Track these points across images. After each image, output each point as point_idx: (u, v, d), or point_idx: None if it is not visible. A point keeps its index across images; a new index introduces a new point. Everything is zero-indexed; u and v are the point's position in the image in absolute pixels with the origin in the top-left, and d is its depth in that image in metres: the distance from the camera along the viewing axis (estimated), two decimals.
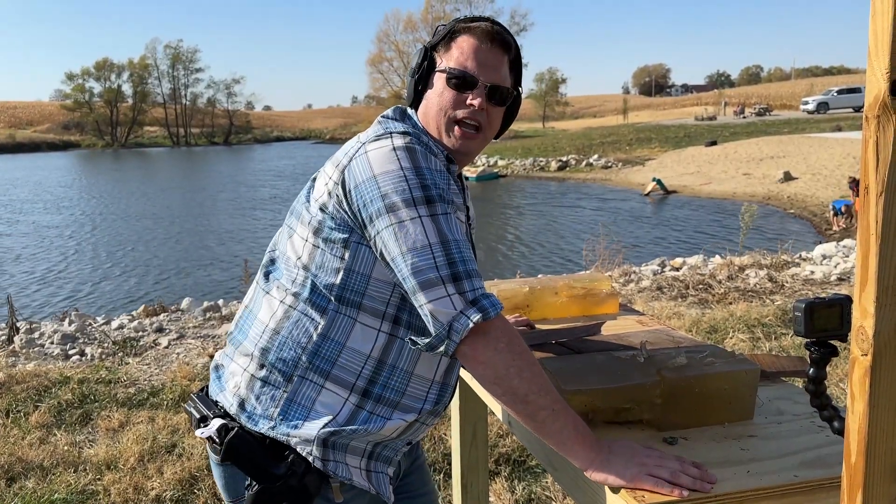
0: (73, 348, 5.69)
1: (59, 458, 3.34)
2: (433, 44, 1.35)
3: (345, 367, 1.24)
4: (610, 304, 2.03)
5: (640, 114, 68.44)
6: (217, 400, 1.33)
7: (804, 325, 0.91)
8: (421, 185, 1.17)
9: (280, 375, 1.25)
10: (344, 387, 1.24)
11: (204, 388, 1.40)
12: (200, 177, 40.36)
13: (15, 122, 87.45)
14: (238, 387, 1.29)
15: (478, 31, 1.32)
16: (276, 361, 1.25)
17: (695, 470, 1.08)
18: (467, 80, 1.30)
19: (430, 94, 1.34)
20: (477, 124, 1.32)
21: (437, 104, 1.32)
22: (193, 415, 1.33)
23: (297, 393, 1.24)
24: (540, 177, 32.00)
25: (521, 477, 3.12)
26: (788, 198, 20.44)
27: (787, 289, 6.66)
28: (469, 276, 1.14)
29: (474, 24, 1.33)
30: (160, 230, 20.66)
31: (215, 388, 1.35)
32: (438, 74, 1.33)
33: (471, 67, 1.30)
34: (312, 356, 1.24)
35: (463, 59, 1.31)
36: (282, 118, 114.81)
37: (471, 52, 1.31)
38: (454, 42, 1.33)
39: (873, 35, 0.71)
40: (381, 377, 1.25)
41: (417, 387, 1.29)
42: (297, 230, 1.29)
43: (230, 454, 1.23)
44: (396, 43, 64.38)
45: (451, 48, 1.33)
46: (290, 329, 1.25)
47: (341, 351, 1.24)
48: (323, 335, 1.24)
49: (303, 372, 1.24)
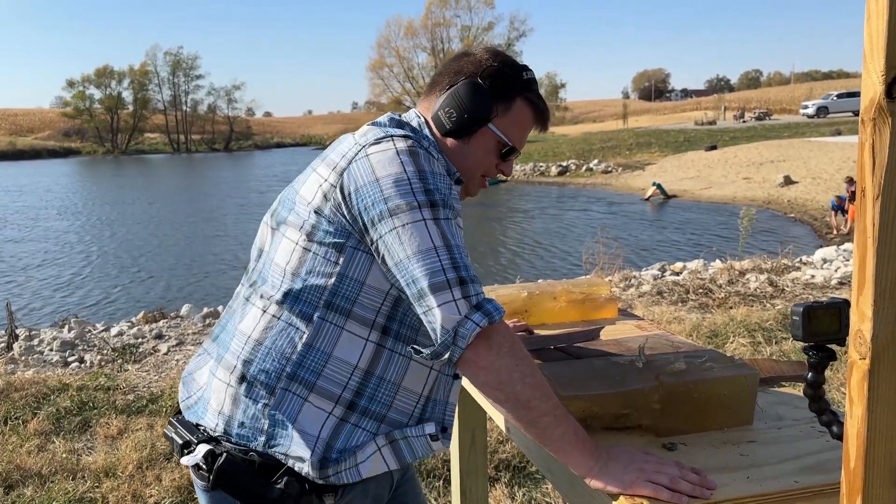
0: (73, 355, 5.69)
1: (57, 466, 3.33)
2: (493, 89, 1.31)
3: (330, 378, 1.20)
4: (609, 308, 2.02)
5: (640, 118, 68.57)
6: (199, 423, 1.27)
7: (802, 330, 0.91)
8: (424, 188, 1.15)
9: (263, 388, 1.20)
10: (329, 399, 1.20)
11: (180, 410, 1.33)
12: (200, 183, 40.39)
13: (16, 130, 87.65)
14: (222, 404, 1.24)
15: (537, 108, 1.36)
16: (259, 374, 1.21)
17: (694, 476, 1.07)
18: (513, 154, 1.37)
19: (474, 145, 1.34)
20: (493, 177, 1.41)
21: (479, 162, 1.36)
22: (176, 441, 1.26)
23: (280, 406, 1.19)
24: (540, 182, 32.02)
25: (521, 483, 3.10)
26: (789, 202, 20.44)
27: (788, 293, 6.65)
28: (472, 280, 1.13)
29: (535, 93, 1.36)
30: (160, 237, 20.66)
31: (196, 410, 1.29)
32: (491, 134, 1.34)
33: (521, 144, 1.37)
34: (297, 367, 1.20)
35: (519, 135, 1.36)
36: (282, 124, 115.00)
37: (527, 129, 1.37)
38: (516, 107, 1.34)
39: (868, 37, 0.71)
40: (367, 389, 1.22)
41: (405, 400, 1.26)
42: (285, 234, 1.24)
43: (220, 481, 1.18)
44: (397, 49, 64.53)
45: (512, 113, 1.34)
46: (274, 339, 1.21)
47: (327, 361, 1.20)
48: (308, 345, 1.20)
49: (286, 384, 1.19)
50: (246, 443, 1.21)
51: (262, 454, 1.20)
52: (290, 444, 1.19)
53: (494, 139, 1.33)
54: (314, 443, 1.19)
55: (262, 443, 1.20)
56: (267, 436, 1.20)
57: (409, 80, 63.64)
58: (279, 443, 1.20)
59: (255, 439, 1.21)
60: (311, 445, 1.19)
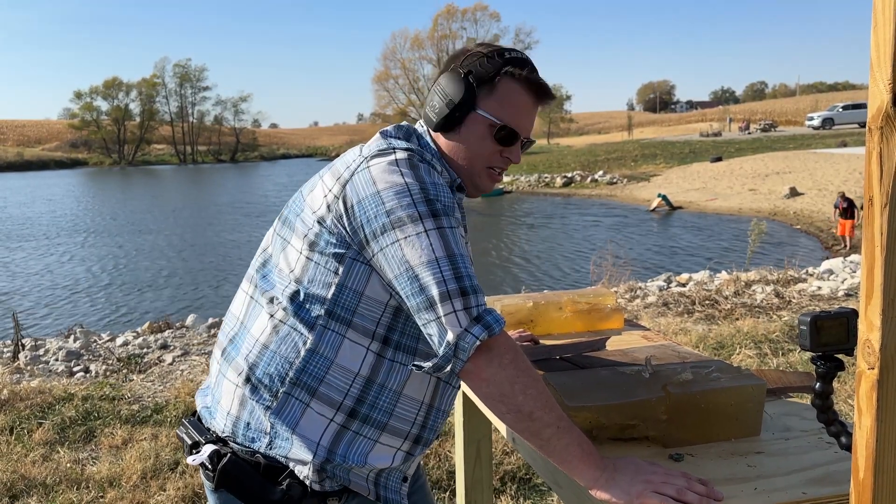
0: (78, 365, 5.69)
1: (61, 476, 3.32)
2: (477, 78, 1.27)
3: (332, 384, 1.21)
4: (615, 319, 2.02)
5: (645, 130, 68.64)
6: (209, 426, 1.30)
7: (810, 340, 0.90)
8: (425, 199, 1.15)
9: (266, 391, 1.22)
10: (330, 406, 1.21)
11: (195, 412, 1.37)
12: (206, 194, 40.56)
13: (23, 141, 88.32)
14: (231, 405, 1.26)
15: (527, 82, 1.28)
16: (264, 377, 1.22)
17: (701, 487, 1.06)
18: (512, 136, 1.29)
19: (467, 133, 1.29)
20: (504, 169, 1.35)
21: (476, 150, 1.30)
22: (186, 441, 1.30)
23: (283, 410, 1.21)
24: (545, 193, 32.04)
25: (527, 495, 3.08)
26: (794, 213, 20.40)
27: (794, 304, 6.62)
28: (474, 291, 1.13)
29: (523, 73, 1.28)
30: (166, 247, 20.73)
31: (206, 412, 1.32)
32: (481, 118, 1.28)
33: (518, 125, 1.29)
34: (300, 372, 1.21)
35: (513, 115, 1.28)
36: (288, 136, 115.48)
37: (522, 108, 1.29)
38: (501, 86, 1.27)
39: (875, 46, 0.71)
40: (369, 396, 1.22)
41: (406, 408, 1.26)
42: (291, 241, 1.25)
43: (223, 480, 1.21)
44: (403, 61, 64.98)
45: (498, 93, 1.27)
46: (279, 344, 1.22)
47: (329, 367, 1.21)
48: (311, 350, 1.21)
49: (289, 388, 1.21)
50: (251, 444, 1.23)
51: (267, 456, 1.22)
52: (291, 447, 1.21)
53: (485, 123, 1.28)
54: (315, 448, 1.20)
55: (266, 444, 1.22)
56: (270, 437, 1.22)
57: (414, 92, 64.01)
58: (281, 445, 1.21)
59: (259, 440, 1.22)
60: (312, 449, 1.20)
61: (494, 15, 64.27)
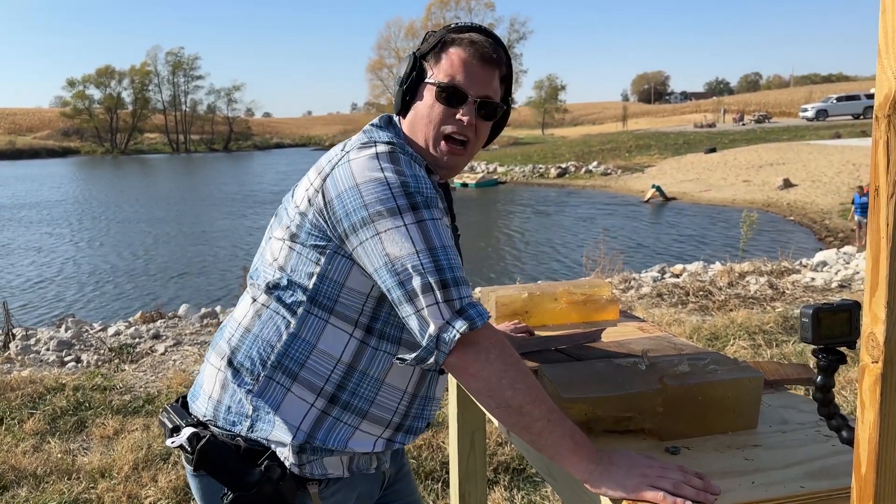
0: (69, 355, 5.66)
1: (52, 466, 3.30)
2: (423, 53, 1.31)
3: (313, 369, 1.22)
4: (610, 310, 2.00)
5: (640, 121, 68.60)
6: (191, 410, 1.32)
7: (811, 332, 0.89)
8: (405, 192, 1.14)
9: (248, 374, 1.24)
10: (311, 391, 1.22)
11: (180, 398, 1.39)
12: (199, 183, 40.38)
13: (15, 129, 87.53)
14: (212, 389, 1.28)
15: (469, 43, 1.29)
16: (245, 360, 1.25)
17: (698, 481, 1.05)
18: (458, 95, 1.28)
19: (418, 105, 1.30)
20: (465, 139, 1.30)
21: (426, 117, 1.29)
22: (166, 425, 1.31)
23: (264, 394, 1.23)
24: (539, 183, 32.03)
25: (521, 486, 3.08)
26: (788, 205, 20.45)
27: (788, 296, 6.63)
28: (456, 283, 1.12)
29: (465, 35, 1.30)
30: (158, 236, 20.64)
31: (190, 395, 1.35)
32: (428, 86, 1.29)
33: (461, 82, 1.27)
34: (281, 356, 1.22)
35: (453, 73, 1.27)
36: (281, 125, 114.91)
37: (461, 66, 1.28)
38: (445, 53, 1.29)
39: (883, 32, 0.69)
40: (350, 383, 1.23)
41: (388, 397, 1.26)
42: (275, 232, 1.28)
43: (202, 462, 1.22)
44: (397, 50, 64.57)
45: (442, 60, 1.29)
46: (262, 327, 1.25)
47: (311, 352, 1.22)
48: (294, 334, 1.22)
49: (270, 372, 1.23)
50: (231, 427, 1.24)
51: (247, 439, 1.23)
52: (273, 430, 1.22)
53: (431, 89, 1.29)
54: (295, 431, 1.21)
55: (247, 427, 1.23)
56: (251, 420, 1.23)
57: None
58: (262, 428, 1.22)
59: (240, 424, 1.24)
60: (292, 433, 1.21)
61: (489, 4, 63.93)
